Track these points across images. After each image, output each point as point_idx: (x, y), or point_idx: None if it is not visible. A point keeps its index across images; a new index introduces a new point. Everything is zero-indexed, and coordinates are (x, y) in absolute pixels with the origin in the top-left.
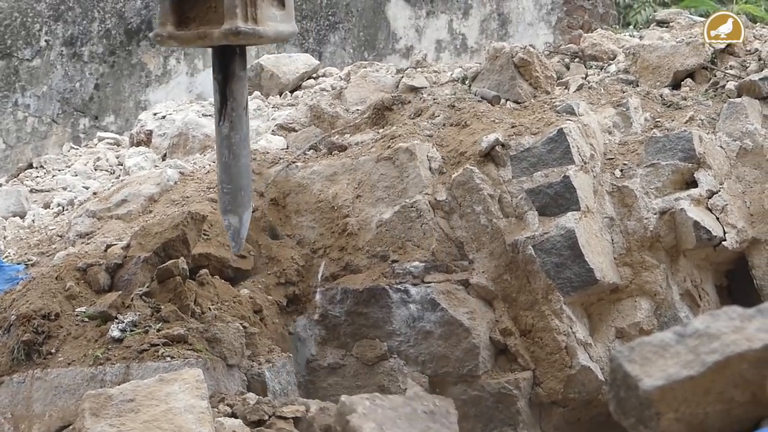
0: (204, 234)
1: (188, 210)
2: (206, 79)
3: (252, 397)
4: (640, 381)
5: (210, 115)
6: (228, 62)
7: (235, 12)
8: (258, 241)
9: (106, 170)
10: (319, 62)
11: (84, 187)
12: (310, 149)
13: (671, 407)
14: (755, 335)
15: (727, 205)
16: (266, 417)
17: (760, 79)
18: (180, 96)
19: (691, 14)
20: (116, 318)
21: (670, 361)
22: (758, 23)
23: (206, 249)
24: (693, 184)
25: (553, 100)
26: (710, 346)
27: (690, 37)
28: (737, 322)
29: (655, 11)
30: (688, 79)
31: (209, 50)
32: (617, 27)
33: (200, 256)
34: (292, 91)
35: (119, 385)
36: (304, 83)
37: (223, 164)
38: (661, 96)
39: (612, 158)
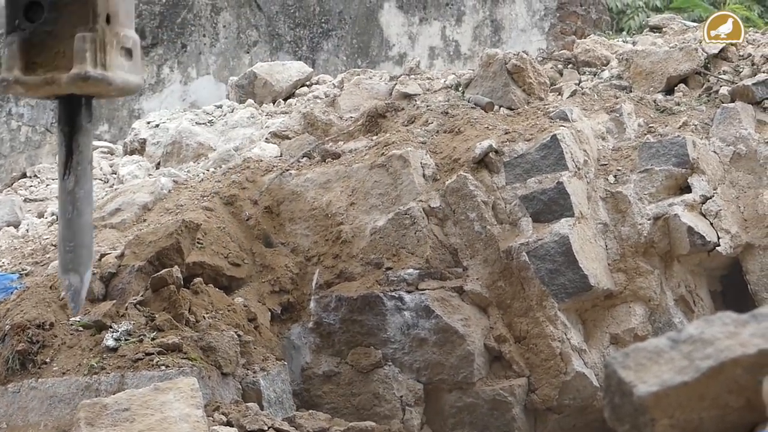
0: (198, 242)
1: (182, 219)
2: (200, 87)
3: (253, 407)
4: (635, 387)
5: (204, 123)
6: (75, 113)
7: (84, 56)
8: (252, 250)
9: (100, 179)
10: (312, 70)
11: None
12: (303, 157)
13: (666, 413)
14: (749, 341)
15: (720, 210)
16: (265, 427)
17: (753, 84)
18: (174, 104)
19: (683, 19)
20: (111, 327)
21: (664, 366)
22: (750, 27)
23: (200, 257)
24: (687, 189)
25: (547, 107)
26: (704, 352)
27: (683, 43)
28: (731, 328)
29: (648, 17)
30: (681, 84)
31: (209, 62)
32: (610, 33)
33: (194, 265)
34: (285, 99)
35: (114, 394)
36: (297, 91)
37: (66, 221)
38: (654, 101)
39: (605, 164)
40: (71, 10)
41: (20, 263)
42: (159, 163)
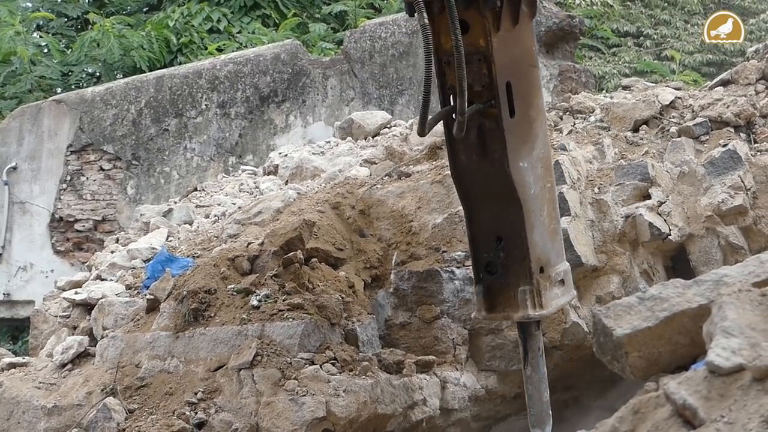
0: (314, 234)
1: (303, 218)
2: (315, 129)
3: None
4: (614, 330)
5: (318, 154)
6: (525, 327)
7: (526, 304)
8: (351, 239)
9: (247, 192)
10: (391, 117)
11: (232, 203)
12: (386, 176)
13: (635, 348)
14: (693, 298)
15: (671, 211)
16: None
17: (693, 125)
18: (297, 141)
19: (645, 81)
20: (255, 292)
21: (634, 316)
22: (692, 87)
23: (316, 244)
24: (648, 197)
25: (552, 141)
26: (662, 306)
27: (645, 97)
28: (680, 290)
29: (621, 80)
30: (644, 125)
31: (321, 112)
32: (595, 90)
33: (312, 250)
34: (373, 137)
35: (258, 338)
36: (381, 131)
37: (528, 394)
38: (625, 137)
39: (592, 180)
40: (515, 269)
41: (193, 249)
42: (287, 181)
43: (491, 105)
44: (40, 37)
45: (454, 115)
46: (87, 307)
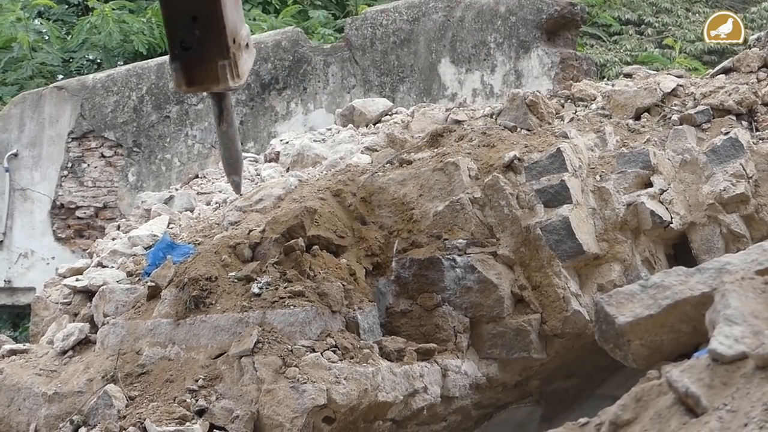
0: (315, 222)
1: (305, 205)
2: (316, 116)
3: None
4: (616, 318)
5: (319, 141)
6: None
7: (226, 77)
8: (352, 227)
9: (249, 179)
10: (392, 104)
11: None
12: (387, 163)
13: (638, 336)
14: (695, 286)
15: (673, 199)
16: (359, 346)
17: (695, 113)
18: (298, 128)
19: (647, 69)
20: (256, 280)
21: (636, 304)
22: (693, 75)
23: (317, 232)
24: (650, 184)
25: (553, 129)
26: (664, 294)
27: (647, 84)
28: (683, 278)
29: (622, 68)
30: (645, 113)
31: (322, 99)
32: (597, 78)
33: (313, 237)
34: (374, 124)
35: (258, 326)
36: (382, 118)
37: (224, 148)
38: (627, 125)
39: (594, 168)
40: (212, 45)
41: (194, 236)
42: (288, 168)
43: None
44: (41, 23)
45: None
46: (88, 294)
